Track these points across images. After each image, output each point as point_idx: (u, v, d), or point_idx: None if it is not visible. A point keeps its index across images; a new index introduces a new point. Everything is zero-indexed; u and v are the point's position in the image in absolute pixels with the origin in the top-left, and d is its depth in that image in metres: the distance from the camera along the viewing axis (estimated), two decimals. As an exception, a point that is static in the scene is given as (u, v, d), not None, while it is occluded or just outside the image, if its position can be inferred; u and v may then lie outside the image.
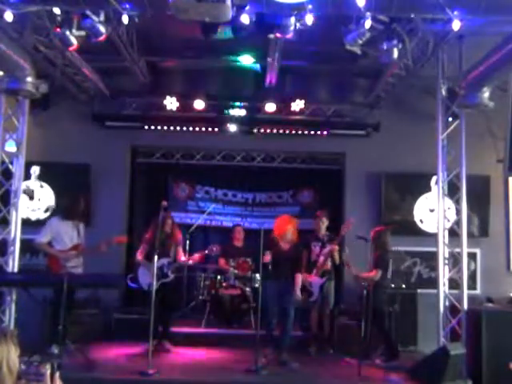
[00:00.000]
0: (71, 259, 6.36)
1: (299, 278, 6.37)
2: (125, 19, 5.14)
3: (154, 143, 8.80)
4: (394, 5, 4.83)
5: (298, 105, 8.14)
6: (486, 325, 5.88)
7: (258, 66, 8.00)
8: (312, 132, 8.45)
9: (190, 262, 7.20)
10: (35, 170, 8.19)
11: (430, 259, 7.68)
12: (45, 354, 5.37)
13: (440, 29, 5.38)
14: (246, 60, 7.77)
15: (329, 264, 7.08)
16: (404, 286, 7.94)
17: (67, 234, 6.46)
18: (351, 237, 6.78)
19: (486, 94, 6.01)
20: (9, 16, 5.03)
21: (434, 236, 6.70)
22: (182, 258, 7.06)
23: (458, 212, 6.52)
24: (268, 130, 8.45)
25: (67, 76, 7.43)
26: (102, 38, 5.31)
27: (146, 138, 8.59)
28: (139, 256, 6.82)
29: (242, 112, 8.31)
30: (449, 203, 6.67)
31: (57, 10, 5.16)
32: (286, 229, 6.41)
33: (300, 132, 8.46)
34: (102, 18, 5.18)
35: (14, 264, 6.45)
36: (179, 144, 8.86)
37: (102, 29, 5.23)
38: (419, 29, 5.36)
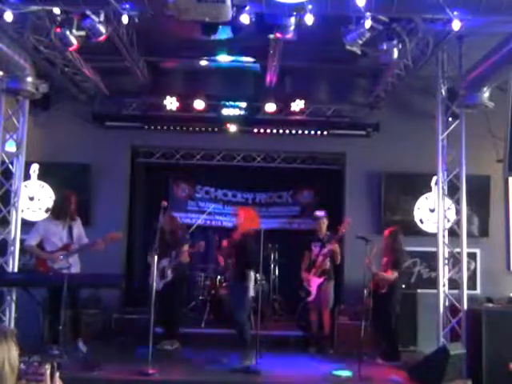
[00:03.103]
0: (59, 261, 6.23)
1: (250, 274, 6.02)
2: (125, 19, 5.12)
3: (154, 143, 8.79)
4: (394, 5, 4.81)
5: (297, 105, 8.14)
6: (486, 325, 5.88)
7: (257, 66, 7.98)
8: (312, 132, 8.44)
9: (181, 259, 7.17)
10: (35, 169, 8.18)
11: (430, 259, 7.67)
12: (45, 354, 5.36)
13: (440, 29, 5.36)
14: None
15: (328, 264, 7.09)
16: (404, 286, 7.91)
17: (56, 235, 6.33)
18: (351, 237, 6.79)
19: (486, 94, 6.03)
20: (9, 16, 5.02)
21: (434, 236, 6.71)
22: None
23: (458, 212, 6.53)
24: (268, 130, 8.43)
25: (67, 76, 7.43)
26: (102, 38, 5.30)
27: (146, 138, 8.58)
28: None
29: (242, 112, 8.31)
30: (449, 203, 6.68)
31: (57, 10, 5.14)
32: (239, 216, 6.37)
33: (300, 132, 8.45)
34: (102, 18, 5.16)
35: (14, 264, 6.47)
36: (179, 144, 8.86)
37: (102, 29, 5.22)
38: (419, 29, 5.34)
